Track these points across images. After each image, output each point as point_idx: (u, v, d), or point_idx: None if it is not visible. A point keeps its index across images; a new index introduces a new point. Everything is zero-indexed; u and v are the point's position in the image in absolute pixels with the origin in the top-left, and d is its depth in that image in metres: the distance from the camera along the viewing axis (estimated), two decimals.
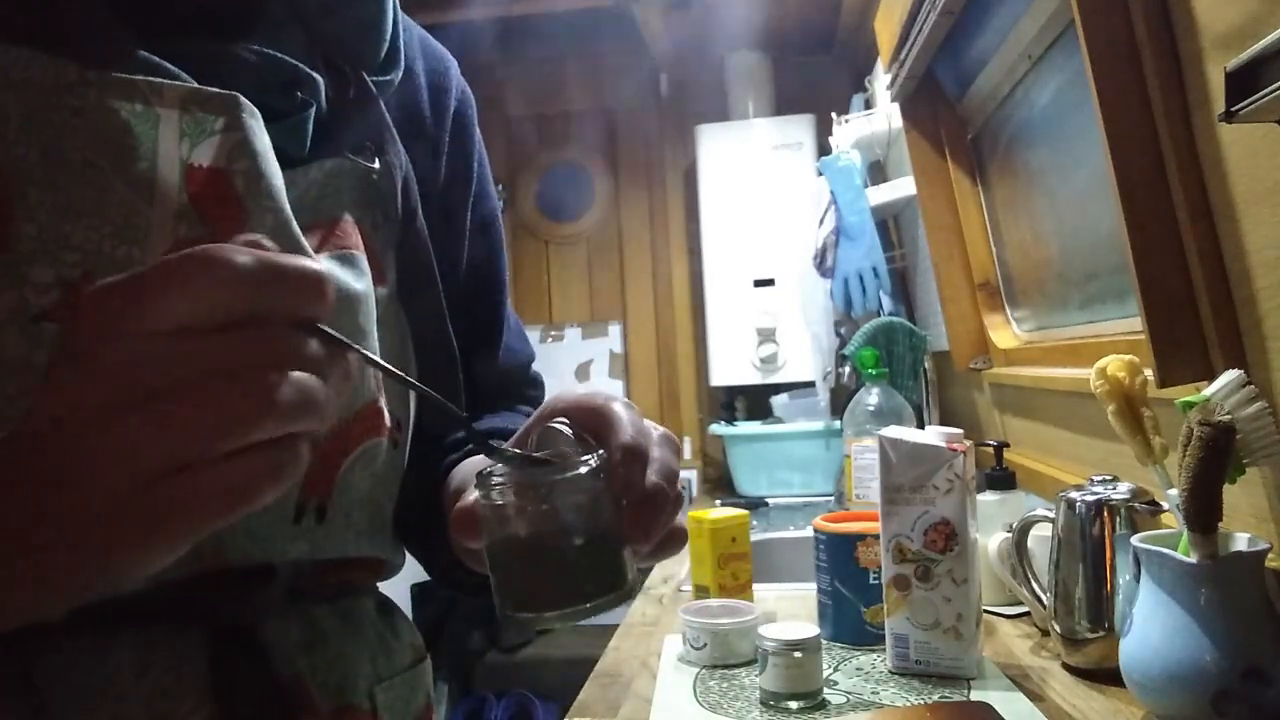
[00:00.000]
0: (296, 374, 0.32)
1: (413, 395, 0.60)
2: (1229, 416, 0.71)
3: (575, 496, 0.45)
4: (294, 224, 0.49)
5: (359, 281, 0.53)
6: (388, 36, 0.58)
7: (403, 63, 0.61)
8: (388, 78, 0.59)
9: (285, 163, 0.51)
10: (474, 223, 0.71)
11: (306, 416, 0.33)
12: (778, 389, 2.80)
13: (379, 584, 0.65)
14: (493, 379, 0.72)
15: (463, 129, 0.69)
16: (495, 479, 0.45)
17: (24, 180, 0.43)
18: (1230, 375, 0.75)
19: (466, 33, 2.83)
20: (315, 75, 0.54)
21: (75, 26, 0.45)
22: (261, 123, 0.49)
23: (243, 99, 0.48)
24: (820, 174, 2.37)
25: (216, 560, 0.48)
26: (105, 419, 0.31)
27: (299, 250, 0.49)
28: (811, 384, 2.68)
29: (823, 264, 2.36)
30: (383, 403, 0.55)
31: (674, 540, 0.48)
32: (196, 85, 0.47)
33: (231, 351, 0.31)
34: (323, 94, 0.54)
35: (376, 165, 0.57)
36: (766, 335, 2.83)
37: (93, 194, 0.44)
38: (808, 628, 0.90)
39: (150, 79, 0.46)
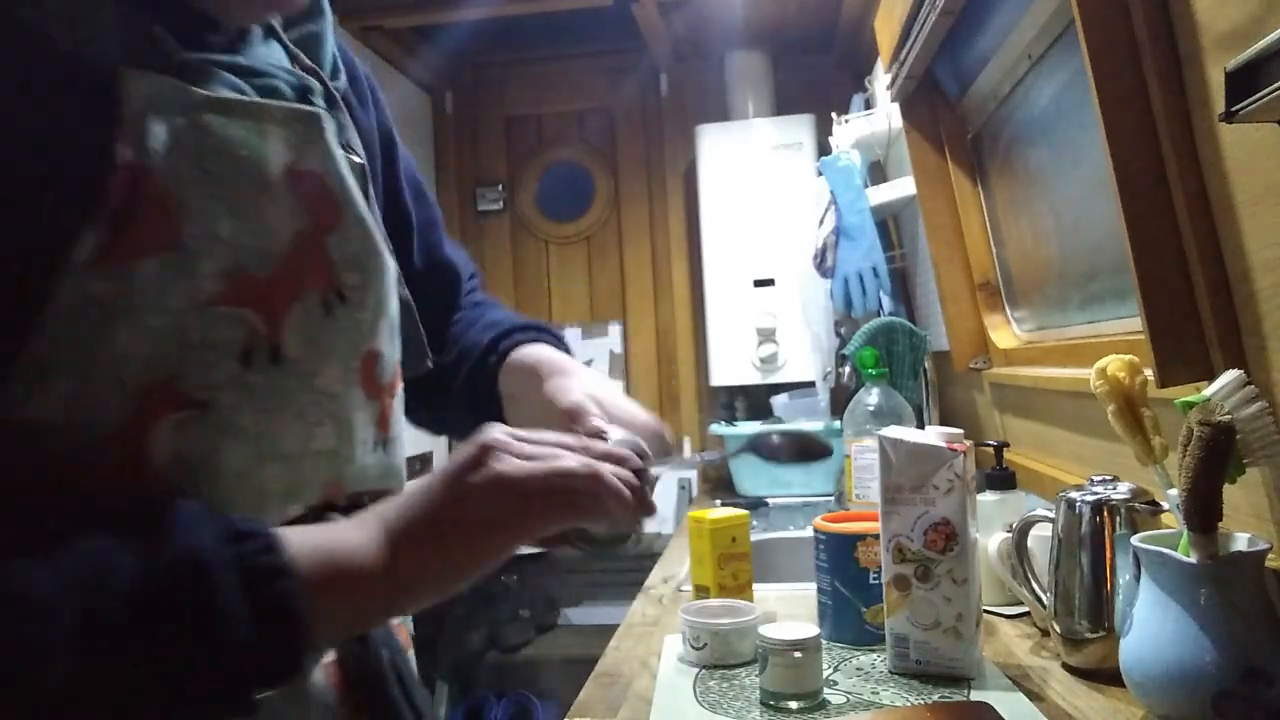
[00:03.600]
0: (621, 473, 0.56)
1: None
2: (1229, 416, 0.71)
3: None
4: (367, 214, 0.61)
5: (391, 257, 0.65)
6: (331, 48, 0.67)
7: (344, 73, 0.69)
8: (338, 82, 0.67)
9: None
10: (408, 183, 0.81)
11: (613, 497, 0.55)
12: (778, 389, 2.80)
13: None
14: (460, 297, 0.89)
15: (380, 107, 0.78)
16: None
17: (181, 189, 0.50)
18: (1230, 375, 0.75)
19: (466, 32, 2.83)
20: (314, 83, 0.62)
21: (176, 56, 0.52)
22: (332, 132, 0.60)
23: (324, 115, 0.59)
24: (820, 174, 2.37)
25: (333, 490, 0.58)
26: (511, 460, 0.53)
27: (371, 235, 0.62)
28: (811, 384, 2.68)
29: (823, 264, 2.35)
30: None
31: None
32: (292, 105, 0.57)
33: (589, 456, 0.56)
34: (321, 99, 0.62)
35: (357, 158, 0.65)
36: (766, 335, 2.83)
37: (232, 197, 0.52)
38: (808, 628, 0.90)
39: (258, 101, 0.55)
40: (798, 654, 0.88)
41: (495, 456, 0.53)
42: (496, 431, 0.54)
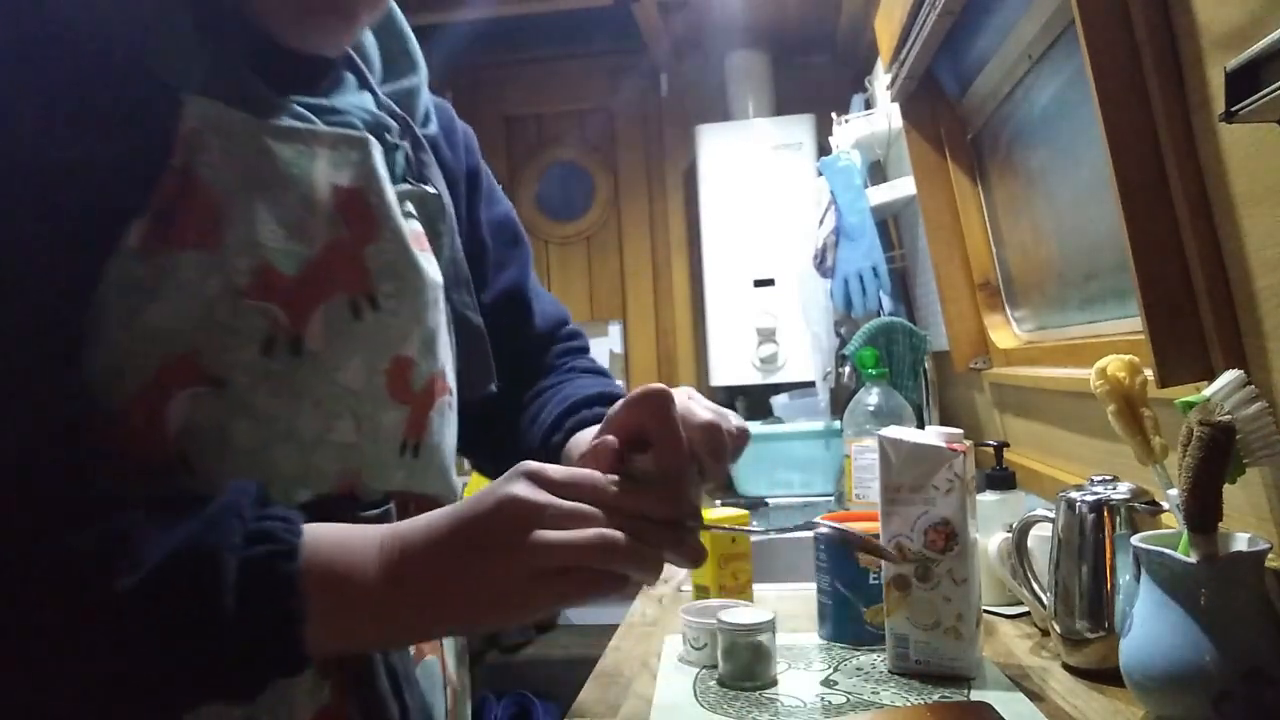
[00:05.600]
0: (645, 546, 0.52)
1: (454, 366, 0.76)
2: (1229, 416, 0.71)
3: None
4: (404, 230, 0.67)
5: (436, 273, 0.70)
6: (425, 101, 0.78)
7: (435, 121, 0.79)
8: (428, 129, 0.77)
9: None
10: (491, 221, 0.88)
11: (640, 570, 0.52)
12: (778, 389, 2.80)
13: None
14: (536, 339, 0.92)
15: (470, 152, 0.87)
16: None
17: (226, 198, 0.58)
18: (1230, 375, 0.75)
19: (466, 32, 2.83)
20: (394, 122, 0.71)
21: (251, 91, 0.61)
22: (383, 157, 0.67)
23: (372, 140, 0.66)
24: (820, 174, 2.37)
25: (349, 482, 0.62)
26: (532, 538, 0.50)
27: (408, 252, 0.67)
28: (811, 384, 2.68)
29: (823, 264, 2.35)
30: (448, 369, 0.73)
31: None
32: (340, 131, 0.65)
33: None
34: (399, 137, 0.71)
35: (431, 189, 0.73)
36: (766, 335, 2.83)
37: (274, 208, 0.60)
38: (760, 613, 0.95)
39: (310, 127, 0.63)
40: (752, 639, 0.92)
41: (522, 528, 0.50)
42: (526, 489, 0.51)
